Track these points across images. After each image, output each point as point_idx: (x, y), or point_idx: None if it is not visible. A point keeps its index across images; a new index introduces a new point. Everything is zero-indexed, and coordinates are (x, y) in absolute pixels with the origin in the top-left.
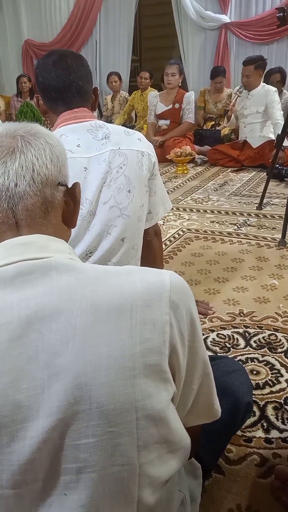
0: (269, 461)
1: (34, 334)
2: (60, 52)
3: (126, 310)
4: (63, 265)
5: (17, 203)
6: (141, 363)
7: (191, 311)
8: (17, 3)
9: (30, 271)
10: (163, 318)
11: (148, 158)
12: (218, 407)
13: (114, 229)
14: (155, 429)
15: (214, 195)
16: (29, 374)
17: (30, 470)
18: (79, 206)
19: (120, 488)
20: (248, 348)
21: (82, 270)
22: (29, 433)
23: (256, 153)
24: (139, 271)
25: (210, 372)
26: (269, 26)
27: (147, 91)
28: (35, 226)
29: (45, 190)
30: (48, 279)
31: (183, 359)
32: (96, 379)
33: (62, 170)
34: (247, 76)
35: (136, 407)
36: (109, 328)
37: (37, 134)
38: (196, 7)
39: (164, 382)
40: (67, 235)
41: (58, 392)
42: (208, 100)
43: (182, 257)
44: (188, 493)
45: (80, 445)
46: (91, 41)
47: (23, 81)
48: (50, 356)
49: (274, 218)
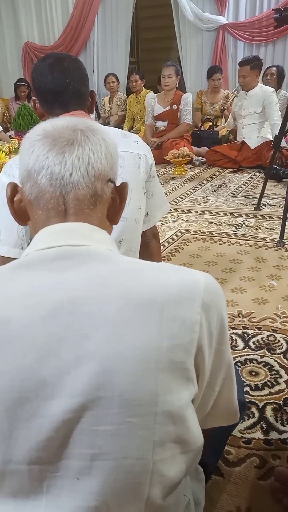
0: (269, 462)
1: (66, 315)
2: (57, 55)
3: (158, 305)
4: (101, 255)
5: (69, 191)
6: (166, 357)
7: (222, 314)
8: (16, 6)
9: (70, 256)
10: (194, 317)
11: (145, 160)
12: (238, 411)
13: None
14: (172, 426)
15: (212, 196)
16: (58, 353)
17: (46, 448)
18: (124, 205)
19: (131, 482)
20: (247, 349)
21: (119, 262)
22: (49, 411)
23: (254, 154)
24: (174, 269)
25: (233, 376)
26: (267, 27)
27: (142, 93)
28: (81, 215)
29: (97, 183)
30: (85, 266)
31: (209, 361)
32: (120, 368)
33: (113, 168)
34: (244, 76)
35: (156, 401)
36: (139, 320)
37: (96, 131)
38: (193, 8)
39: (187, 380)
40: (110, 230)
41: (83, 375)
42: (205, 102)
43: (181, 258)
44: (192, 498)
45: (97, 431)
46: (89, 43)
47: (22, 90)
48: (79, 338)
49: (272, 219)
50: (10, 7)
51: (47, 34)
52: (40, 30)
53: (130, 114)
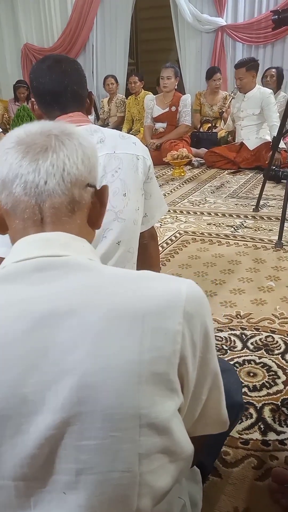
0: (266, 463)
1: (47, 329)
2: (55, 57)
3: (139, 317)
4: (81, 265)
5: (44, 200)
6: (148, 370)
7: (206, 323)
8: (15, 7)
9: (48, 267)
10: (176, 327)
11: (143, 162)
12: (227, 419)
13: (109, 233)
14: (158, 438)
15: (211, 197)
16: (39, 368)
17: (31, 464)
18: (105, 209)
19: (119, 495)
20: (245, 350)
21: (100, 272)
22: (32, 427)
23: (252, 155)
24: (157, 278)
25: (220, 385)
26: (265, 28)
27: (141, 95)
28: (59, 224)
29: (74, 190)
30: (65, 278)
31: (193, 371)
32: (102, 382)
33: (92, 172)
34: (240, 78)
35: (140, 414)
36: (120, 332)
37: (71, 135)
38: (192, 10)
39: (171, 392)
40: (91, 236)
41: (64, 390)
42: (204, 103)
43: (179, 259)
44: (189, 499)
45: (81, 446)
46: (88, 45)
47: (22, 92)
48: (60, 353)
49: (271, 220)
50: (9, 8)
51: (46, 35)
52: (39, 31)
53: (129, 115)
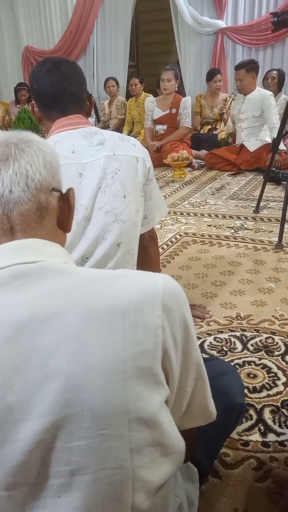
0: (266, 464)
1: (27, 336)
2: (54, 60)
3: (119, 313)
4: (57, 269)
5: (12, 208)
6: (133, 366)
7: (184, 314)
8: (16, 10)
9: (24, 274)
10: (156, 321)
11: (143, 164)
12: (213, 410)
13: (109, 234)
14: (147, 432)
15: (211, 199)
16: (22, 375)
17: (22, 471)
18: (73, 211)
19: (113, 492)
20: (245, 351)
21: (76, 274)
22: (21, 435)
23: (253, 156)
24: (132, 275)
25: (204, 375)
26: (265, 31)
27: (141, 97)
28: (30, 230)
29: (40, 195)
30: (42, 283)
31: (176, 362)
32: (88, 382)
33: (55, 176)
34: (240, 79)
35: (128, 409)
36: (101, 331)
37: (30, 142)
38: (192, 12)
39: (157, 385)
40: (63, 239)
41: (50, 394)
42: (204, 105)
43: (179, 261)
44: (186, 498)
45: (72, 448)
46: (88, 47)
47: (22, 94)
48: (43, 358)
49: (271, 221)
50: (9, 11)
51: (47, 38)
52: (40, 34)
53: (130, 117)
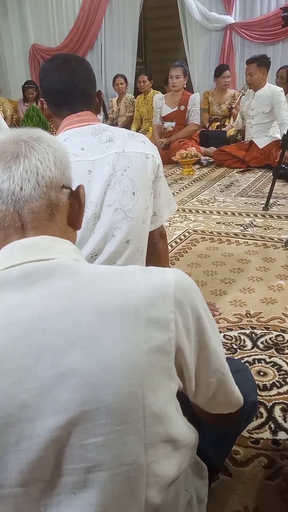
0: (277, 462)
1: (39, 334)
2: (63, 56)
3: (131, 310)
4: (67, 267)
5: (22, 206)
6: (147, 361)
7: (197, 307)
8: (23, 8)
9: (35, 273)
10: (168, 316)
11: (153, 160)
12: (240, 395)
13: (118, 232)
14: (161, 426)
15: (220, 196)
16: (34, 374)
17: (38, 468)
18: (83, 208)
19: (128, 488)
20: (255, 349)
21: (87, 271)
22: (36, 431)
23: (262, 153)
24: (142, 271)
25: (225, 363)
26: (274, 26)
27: (150, 94)
28: (40, 228)
29: (50, 193)
30: (52, 281)
31: (190, 355)
32: (102, 379)
33: (65, 173)
34: (251, 74)
35: (143, 405)
36: (114, 328)
37: (40, 139)
38: (200, 8)
39: (168, 379)
40: (73, 236)
41: (65, 392)
42: (212, 102)
43: (188, 258)
44: (195, 494)
45: (87, 445)
46: (96, 44)
47: (30, 92)
48: (55, 356)
49: (281, 218)
50: (16, 9)
51: (54, 35)
52: (47, 31)
53: (138, 115)
